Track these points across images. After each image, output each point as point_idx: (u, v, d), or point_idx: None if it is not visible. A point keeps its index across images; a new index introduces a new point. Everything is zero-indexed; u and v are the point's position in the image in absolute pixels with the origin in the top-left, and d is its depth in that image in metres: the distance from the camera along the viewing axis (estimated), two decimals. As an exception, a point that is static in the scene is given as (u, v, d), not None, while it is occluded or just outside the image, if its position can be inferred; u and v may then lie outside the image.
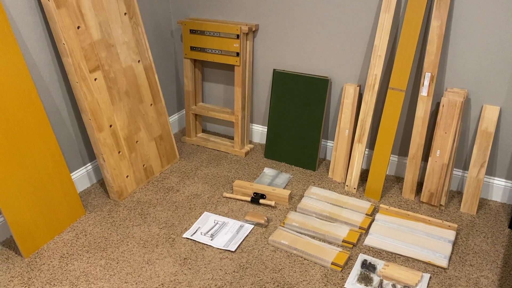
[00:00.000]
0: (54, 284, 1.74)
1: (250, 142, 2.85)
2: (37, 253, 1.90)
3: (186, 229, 2.04)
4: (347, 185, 2.32)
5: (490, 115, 2.03)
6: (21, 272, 1.80)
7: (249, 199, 2.23)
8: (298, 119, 2.48)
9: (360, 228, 2.02)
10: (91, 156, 2.37)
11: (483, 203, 2.21)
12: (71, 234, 2.02)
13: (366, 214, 2.11)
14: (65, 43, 1.90)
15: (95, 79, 2.05)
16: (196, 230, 2.02)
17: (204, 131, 3.00)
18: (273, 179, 2.42)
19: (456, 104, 2.01)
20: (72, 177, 2.26)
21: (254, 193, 2.24)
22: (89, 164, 2.36)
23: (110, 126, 2.15)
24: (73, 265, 1.83)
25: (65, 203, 2.04)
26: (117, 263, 1.85)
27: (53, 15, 1.85)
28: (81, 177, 2.32)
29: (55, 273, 1.80)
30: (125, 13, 2.19)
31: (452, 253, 1.89)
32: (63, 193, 2.03)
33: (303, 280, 1.75)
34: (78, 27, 1.96)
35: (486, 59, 2.01)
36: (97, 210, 2.18)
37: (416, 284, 1.70)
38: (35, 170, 1.90)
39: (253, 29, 2.46)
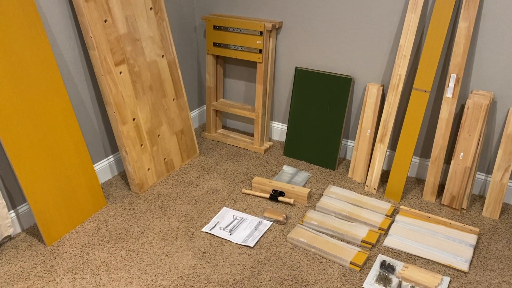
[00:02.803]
0: (75, 272, 1.77)
1: (270, 139, 2.85)
2: (60, 241, 1.94)
3: (205, 223, 2.06)
4: (367, 186, 2.31)
5: (516, 118, 1.99)
6: (44, 260, 1.84)
7: (268, 196, 2.23)
8: (319, 118, 2.47)
9: (380, 228, 2.01)
10: (114, 148, 2.41)
11: (506, 208, 2.17)
12: (92, 224, 2.05)
13: (386, 215, 2.09)
14: (92, 36, 1.93)
15: (120, 73, 2.08)
16: (215, 225, 2.04)
17: (224, 127, 3.01)
18: (292, 177, 2.42)
19: (482, 106, 1.98)
20: (95, 169, 2.29)
21: (273, 190, 2.24)
22: (111, 156, 2.40)
23: (134, 119, 2.17)
24: (94, 255, 1.86)
25: (87, 193, 2.07)
26: (137, 254, 1.87)
27: (81, 8, 1.88)
28: (103, 168, 2.35)
29: (76, 261, 1.83)
30: (151, 8, 2.21)
31: (473, 257, 1.86)
32: (86, 184, 2.06)
33: (321, 279, 1.75)
34: (105, 21, 1.99)
35: (514, 61, 1.98)
36: (118, 202, 2.21)
37: (436, 287, 1.68)
38: (60, 160, 1.94)
39: (277, 26, 2.46)
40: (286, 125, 2.76)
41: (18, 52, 1.74)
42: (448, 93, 2.06)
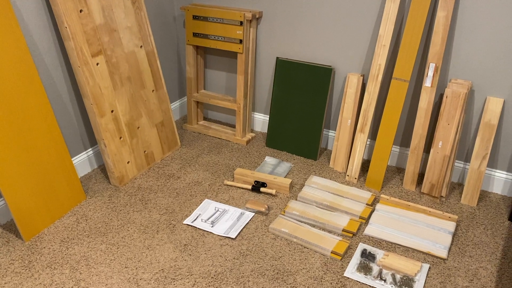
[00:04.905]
0: (54, 267, 1.74)
1: (252, 130, 2.84)
2: (38, 236, 1.91)
3: (186, 216, 2.04)
4: (348, 175, 2.32)
5: (493, 107, 2.02)
6: (21, 255, 1.80)
7: (250, 187, 2.23)
8: (301, 108, 2.47)
9: (361, 217, 2.02)
10: (92, 141, 2.37)
11: (483, 195, 2.21)
12: (71, 218, 2.02)
13: (367, 204, 2.11)
14: (67, 26, 1.89)
15: (97, 64, 2.03)
16: (197, 217, 2.03)
17: (205, 118, 2.99)
18: (274, 168, 2.42)
19: (460, 95, 2.00)
20: (73, 162, 2.25)
21: (255, 181, 2.24)
22: (90, 149, 2.36)
23: (112, 111, 2.14)
24: (74, 249, 1.84)
25: (66, 187, 2.04)
26: (118, 248, 1.85)
27: (55, -3, 1.83)
28: (82, 162, 2.31)
29: (55, 257, 1.80)
30: (128, -2, 2.16)
31: (451, 244, 1.89)
32: (64, 178, 2.03)
33: (303, 268, 1.75)
34: (81, 11, 1.94)
35: (491, 50, 2.00)
36: (98, 195, 2.18)
37: (416, 274, 1.71)
38: (37, 154, 1.89)
39: (257, 16, 2.44)
40: (268, 116, 2.75)
41: (-11, 43, 1.68)
42: (427, 82, 2.07)
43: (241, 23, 2.39)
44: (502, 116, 2.08)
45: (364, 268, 1.75)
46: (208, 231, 1.95)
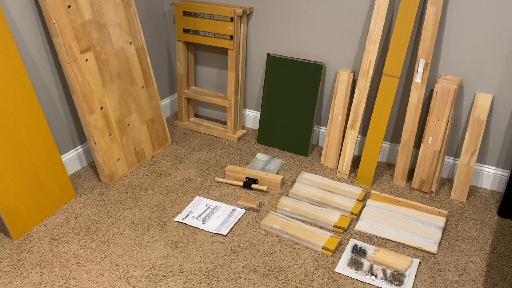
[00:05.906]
0: (44, 266, 1.73)
1: (243, 127, 2.84)
2: (27, 235, 1.89)
3: (177, 213, 2.04)
4: (339, 171, 2.33)
5: (482, 103, 2.04)
6: (10, 254, 1.78)
7: (241, 184, 2.22)
8: (292, 105, 2.47)
9: (351, 213, 2.03)
10: (82, 138, 2.35)
11: (473, 190, 2.23)
12: (61, 216, 2.00)
13: (357, 200, 2.12)
14: (55, 22, 1.87)
15: (86, 60, 2.01)
16: (188, 214, 2.02)
17: (196, 115, 2.98)
18: (266, 164, 2.42)
19: (450, 91, 2.02)
20: (63, 160, 2.24)
21: (247, 178, 2.24)
22: (80, 146, 2.34)
23: (101, 108, 2.12)
24: (64, 248, 1.82)
25: (55, 185, 2.02)
26: (108, 246, 1.84)
27: (43, -7, 1.81)
28: (72, 159, 2.29)
29: (45, 255, 1.78)
30: (117, -7, 2.14)
31: (441, 239, 1.91)
32: (54, 176, 2.01)
33: (294, 264, 1.76)
34: (69, 6, 1.92)
35: (481, 46, 2.01)
36: (88, 193, 2.16)
37: (406, 269, 1.72)
38: (25, 152, 1.87)
39: (248, 12, 2.43)
40: (259, 113, 2.75)
41: (-25, 39, 1.66)
42: (417, 78, 2.08)
43: (232, 19, 2.38)
44: (491, 112, 2.10)
45: (355, 264, 1.76)
46: (199, 228, 1.94)
